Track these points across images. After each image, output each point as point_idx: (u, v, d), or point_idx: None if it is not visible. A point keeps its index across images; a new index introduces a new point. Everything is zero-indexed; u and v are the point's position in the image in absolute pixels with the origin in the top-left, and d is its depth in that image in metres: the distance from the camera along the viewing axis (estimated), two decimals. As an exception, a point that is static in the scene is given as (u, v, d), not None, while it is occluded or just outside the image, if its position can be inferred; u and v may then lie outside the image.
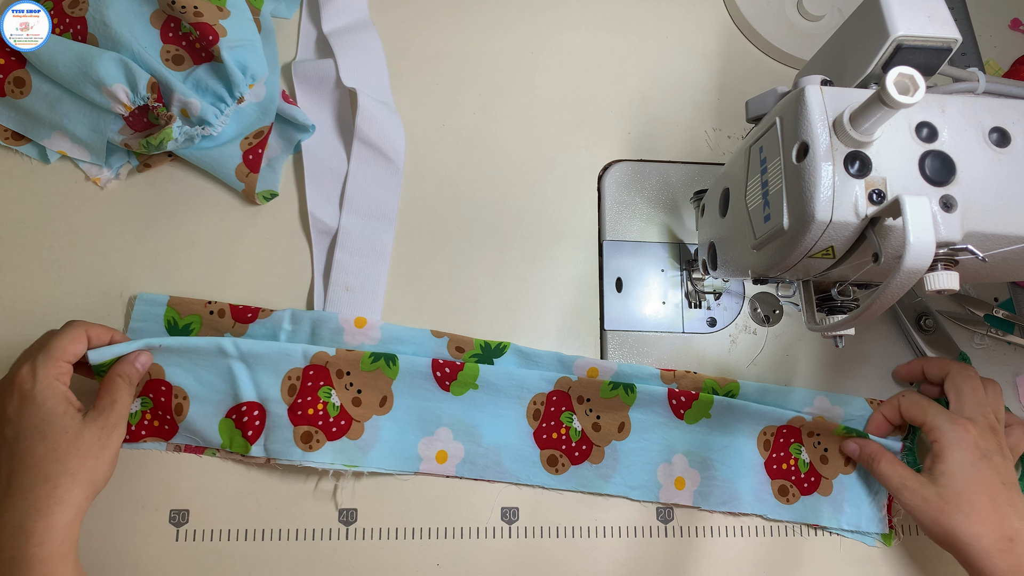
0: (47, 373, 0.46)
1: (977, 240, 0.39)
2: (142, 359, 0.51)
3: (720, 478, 0.57)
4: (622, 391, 0.57)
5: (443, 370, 0.56)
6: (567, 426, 0.57)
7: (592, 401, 0.57)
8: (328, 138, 0.63)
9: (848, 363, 0.62)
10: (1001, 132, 0.40)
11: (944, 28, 0.40)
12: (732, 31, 0.71)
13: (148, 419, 0.54)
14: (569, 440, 0.57)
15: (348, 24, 0.66)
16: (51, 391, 0.45)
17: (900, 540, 0.59)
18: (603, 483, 0.57)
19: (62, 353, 0.47)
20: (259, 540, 0.54)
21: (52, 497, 0.44)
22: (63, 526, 0.44)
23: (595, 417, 0.57)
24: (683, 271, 0.63)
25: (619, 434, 0.57)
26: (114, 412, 0.47)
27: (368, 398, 0.55)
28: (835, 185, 0.37)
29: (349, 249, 0.59)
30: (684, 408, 0.57)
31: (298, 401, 0.54)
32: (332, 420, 0.54)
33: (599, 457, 0.57)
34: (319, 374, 0.55)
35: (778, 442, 0.58)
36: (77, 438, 0.45)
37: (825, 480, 0.58)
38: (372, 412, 0.55)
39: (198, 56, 0.57)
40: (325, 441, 0.54)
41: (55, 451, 0.44)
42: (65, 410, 0.45)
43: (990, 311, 0.63)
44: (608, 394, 0.57)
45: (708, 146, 0.67)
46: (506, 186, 0.64)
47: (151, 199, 0.60)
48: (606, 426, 0.57)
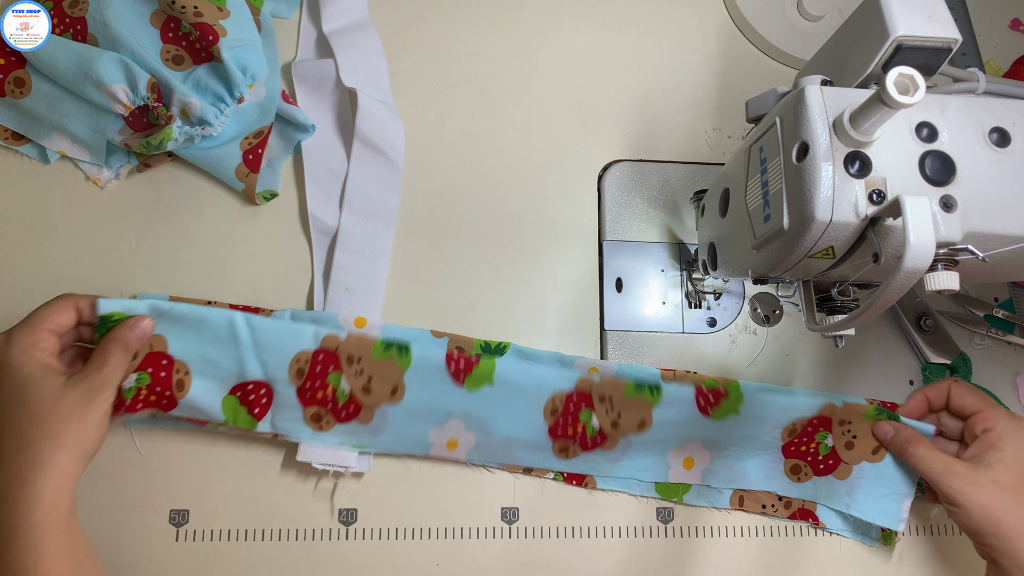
0: (22, 340, 0.44)
1: (977, 240, 0.38)
2: (143, 326, 0.48)
3: (730, 456, 0.57)
4: (647, 392, 0.55)
5: (458, 364, 0.55)
6: (584, 423, 0.56)
7: (615, 400, 0.56)
8: (328, 138, 0.63)
9: (848, 363, 0.62)
10: (1001, 132, 0.40)
11: (944, 28, 0.40)
12: (732, 31, 0.71)
13: (144, 395, 0.50)
14: (585, 435, 0.56)
15: (348, 24, 0.65)
16: (26, 357, 0.44)
17: (900, 540, 0.59)
18: (611, 466, 0.56)
19: (42, 322, 0.45)
20: (259, 540, 0.54)
21: (33, 463, 0.42)
22: (49, 493, 0.42)
23: (616, 415, 0.56)
24: (683, 271, 0.63)
25: (638, 430, 0.56)
26: (100, 375, 0.45)
27: (378, 387, 0.54)
28: (835, 185, 0.37)
29: (349, 249, 0.59)
30: (712, 406, 0.56)
31: (306, 384, 0.53)
32: (341, 406, 0.54)
33: (612, 445, 0.56)
34: (328, 359, 0.54)
35: (806, 430, 0.57)
36: (57, 401, 0.43)
37: (844, 465, 0.57)
38: (382, 400, 0.54)
39: (198, 56, 0.57)
40: (335, 423, 0.54)
41: (33, 416, 0.43)
42: (43, 375, 0.44)
43: (990, 311, 0.63)
44: (633, 395, 0.55)
45: (708, 146, 0.67)
46: (506, 186, 0.64)
47: (151, 199, 0.60)
48: (625, 423, 0.56)
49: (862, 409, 0.56)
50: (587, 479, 0.57)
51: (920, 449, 0.52)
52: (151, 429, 0.55)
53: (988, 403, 0.53)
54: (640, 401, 0.56)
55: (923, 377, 0.62)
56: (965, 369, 0.61)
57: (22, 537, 0.41)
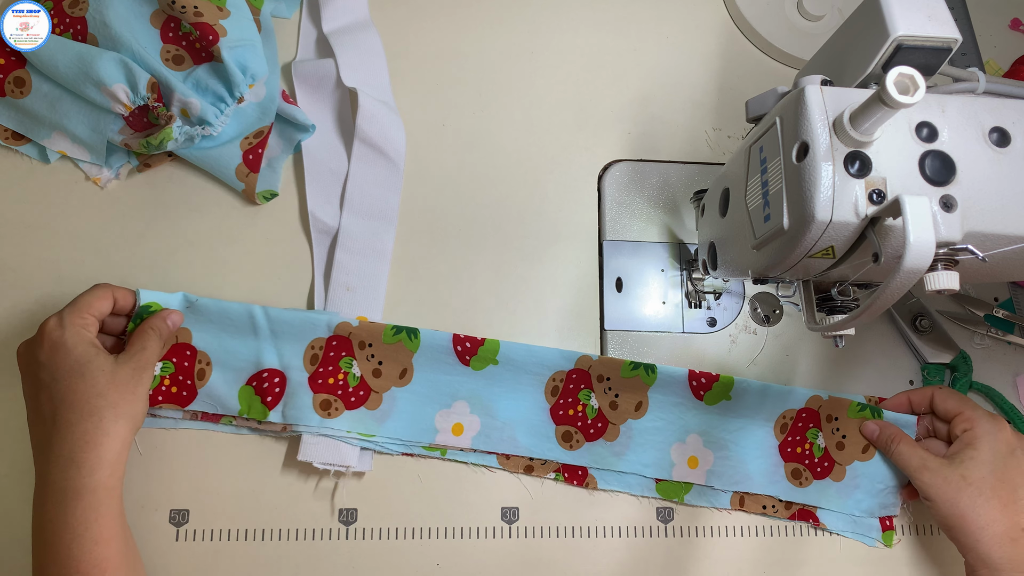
0: (73, 322, 0.48)
1: (977, 240, 0.39)
2: (174, 318, 0.52)
3: (733, 458, 0.57)
4: (643, 371, 0.57)
5: (464, 344, 0.56)
6: (584, 403, 0.57)
7: (612, 380, 0.57)
8: (328, 138, 0.63)
9: (848, 363, 0.62)
10: (1001, 132, 0.40)
11: (944, 28, 0.40)
12: (732, 31, 0.71)
13: (167, 384, 0.53)
14: (585, 417, 0.57)
15: (348, 24, 0.65)
16: (79, 337, 0.47)
17: (900, 540, 0.59)
18: (616, 460, 0.57)
19: (87, 307, 0.49)
20: (259, 540, 0.54)
21: (99, 429, 0.45)
22: (111, 457, 0.46)
23: (613, 396, 0.57)
24: (683, 271, 0.63)
25: (636, 413, 0.57)
26: (144, 355, 0.49)
27: (388, 370, 0.56)
28: (835, 185, 0.37)
29: (350, 249, 0.59)
30: (704, 389, 0.57)
31: (319, 370, 0.55)
32: (352, 390, 0.55)
33: (614, 435, 0.57)
34: (341, 344, 0.55)
35: (796, 426, 0.59)
36: (114, 375, 0.47)
37: (839, 467, 0.58)
38: (391, 384, 0.56)
39: (198, 56, 0.57)
40: (343, 410, 0.55)
41: (95, 387, 0.46)
42: (97, 352, 0.48)
43: (990, 311, 0.63)
44: (628, 374, 0.57)
45: (708, 146, 0.67)
46: (506, 186, 0.64)
47: (151, 199, 0.60)
48: (624, 404, 0.57)
49: (846, 404, 0.58)
50: (588, 479, 0.57)
51: (901, 446, 0.55)
52: (151, 429, 0.55)
53: (969, 405, 0.55)
54: (636, 380, 0.57)
55: (922, 377, 0.62)
56: (965, 368, 0.61)
57: (86, 497, 0.45)
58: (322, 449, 0.54)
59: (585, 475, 0.57)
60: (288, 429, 0.55)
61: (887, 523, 0.59)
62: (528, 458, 0.57)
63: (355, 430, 0.55)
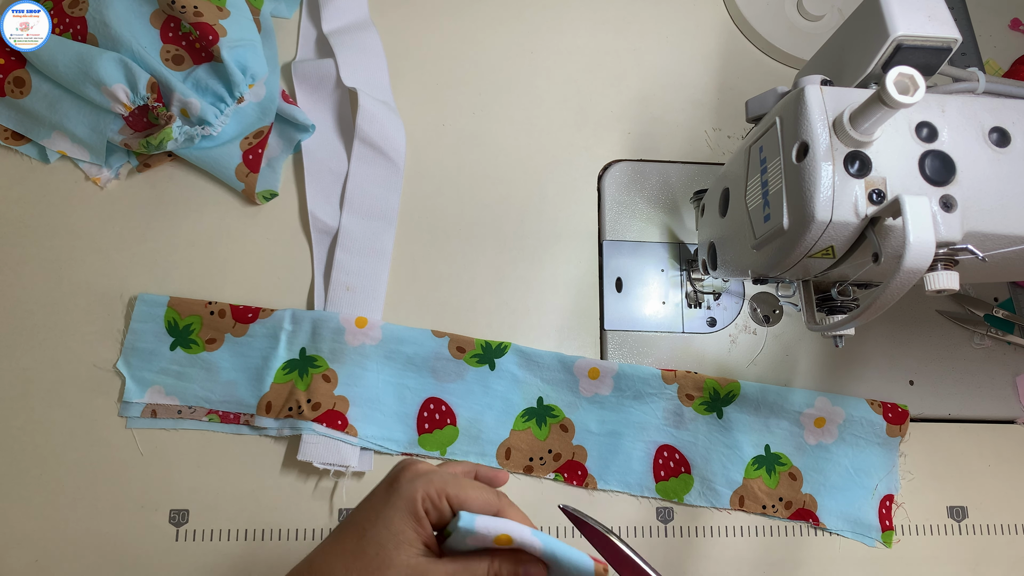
0: (420, 487, 0.36)
1: (977, 240, 0.39)
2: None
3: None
4: None
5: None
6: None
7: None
8: (328, 138, 0.63)
9: (848, 363, 0.62)
10: (1001, 132, 0.40)
11: (944, 28, 0.40)
12: (732, 31, 0.71)
13: None
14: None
15: (348, 24, 0.66)
16: (410, 503, 0.35)
17: (900, 540, 0.59)
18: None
19: (444, 484, 0.36)
20: (259, 540, 0.54)
21: None
22: None
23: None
24: (683, 271, 0.63)
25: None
26: None
27: None
28: (835, 185, 0.37)
29: (349, 249, 0.59)
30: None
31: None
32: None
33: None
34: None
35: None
36: (388, 568, 0.35)
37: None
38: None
39: (198, 56, 0.57)
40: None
41: (362, 558, 0.35)
42: (405, 529, 0.35)
43: (990, 311, 0.63)
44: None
45: (708, 146, 0.67)
46: (506, 186, 0.64)
47: (151, 199, 0.60)
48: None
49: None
50: (587, 479, 0.57)
51: None
52: (151, 429, 0.55)
53: None
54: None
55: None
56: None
57: None
58: (322, 449, 0.54)
59: (585, 475, 0.57)
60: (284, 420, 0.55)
61: (887, 523, 0.59)
62: (528, 458, 0.57)
63: None
